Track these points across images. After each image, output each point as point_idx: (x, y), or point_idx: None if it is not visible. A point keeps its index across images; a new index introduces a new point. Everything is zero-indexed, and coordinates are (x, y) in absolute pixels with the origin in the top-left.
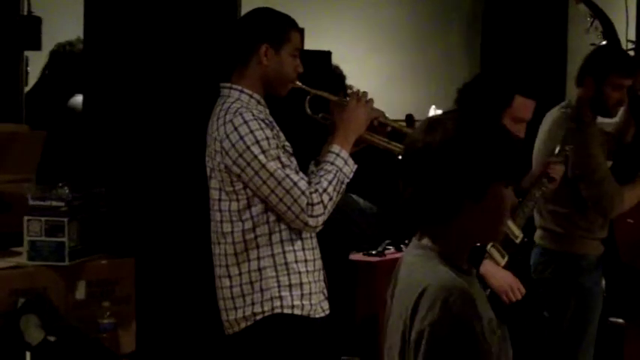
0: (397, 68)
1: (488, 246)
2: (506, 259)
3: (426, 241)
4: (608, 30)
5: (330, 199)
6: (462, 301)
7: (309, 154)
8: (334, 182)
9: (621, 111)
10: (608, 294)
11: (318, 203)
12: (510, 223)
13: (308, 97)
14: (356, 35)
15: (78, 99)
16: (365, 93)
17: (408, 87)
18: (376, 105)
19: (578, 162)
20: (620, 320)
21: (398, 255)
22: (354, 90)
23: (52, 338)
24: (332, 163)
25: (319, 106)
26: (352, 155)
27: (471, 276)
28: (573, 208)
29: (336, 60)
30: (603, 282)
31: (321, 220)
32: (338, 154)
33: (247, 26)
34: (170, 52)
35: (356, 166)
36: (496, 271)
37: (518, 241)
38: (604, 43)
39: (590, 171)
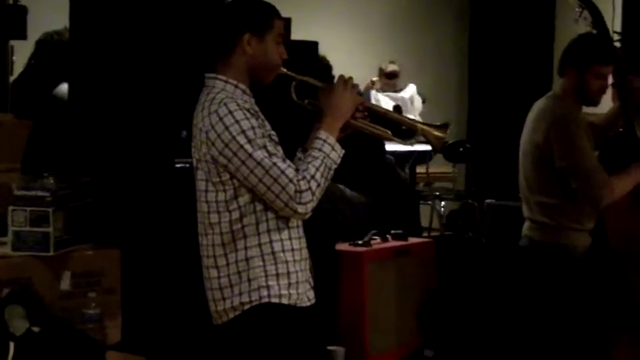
0: (385, 57)
1: None
2: None
3: None
4: (598, 20)
5: (318, 185)
6: None
7: (296, 142)
8: (322, 169)
9: (613, 104)
10: (598, 284)
11: (307, 190)
12: None
13: (294, 83)
14: (344, 26)
15: (63, 88)
16: (351, 78)
17: None
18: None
19: (565, 153)
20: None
21: (384, 245)
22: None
23: (36, 329)
24: (319, 150)
25: (305, 93)
26: (339, 141)
27: None
28: (561, 199)
29: (323, 50)
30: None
31: (310, 207)
32: (325, 141)
33: (229, 16)
34: (155, 42)
35: (343, 152)
36: None
37: None
38: (593, 33)
39: (577, 162)
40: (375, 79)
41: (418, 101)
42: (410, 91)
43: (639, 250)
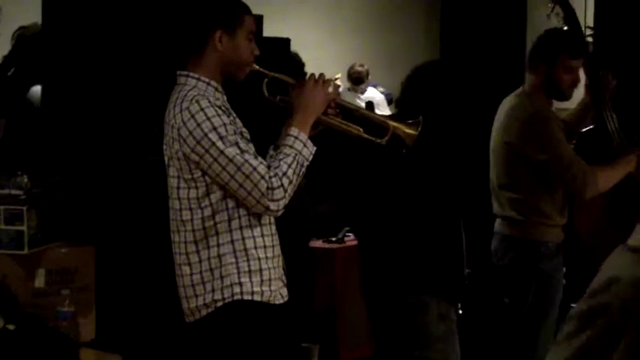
0: (357, 54)
1: None
2: None
3: None
4: (569, 15)
5: (290, 182)
6: None
7: (268, 139)
8: (293, 166)
9: (580, 99)
10: (569, 280)
11: (279, 187)
12: None
13: (266, 79)
14: (316, 22)
15: (36, 90)
16: (322, 74)
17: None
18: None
19: (544, 147)
20: None
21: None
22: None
23: (11, 327)
24: (291, 147)
25: (277, 90)
26: (311, 138)
27: None
28: (531, 194)
29: (295, 46)
30: (564, 268)
31: (282, 203)
32: (297, 137)
33: (200, 13)
34: (127, 39)
35: (315, 149)
36: None
37: None
38: (565, 28)
39: (558, 154)
40: (338, 75)
41: (382, 100)
42: (372, 92)
43: (607, 247)
